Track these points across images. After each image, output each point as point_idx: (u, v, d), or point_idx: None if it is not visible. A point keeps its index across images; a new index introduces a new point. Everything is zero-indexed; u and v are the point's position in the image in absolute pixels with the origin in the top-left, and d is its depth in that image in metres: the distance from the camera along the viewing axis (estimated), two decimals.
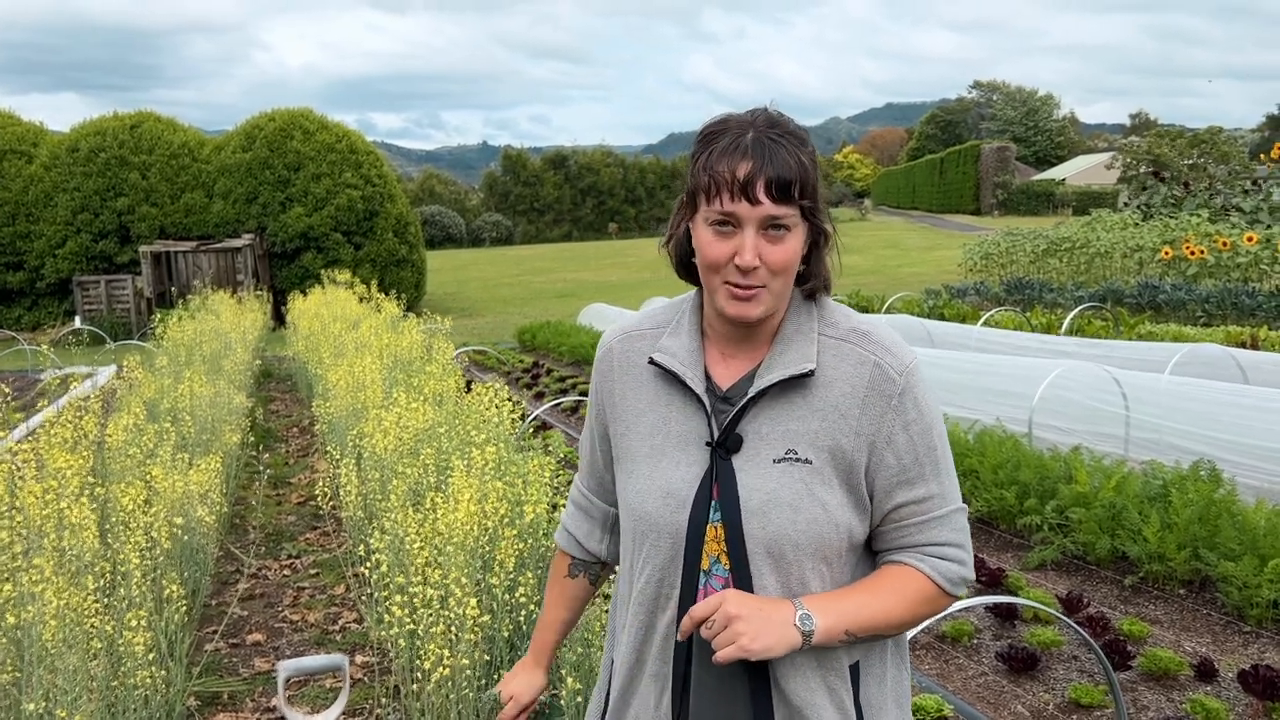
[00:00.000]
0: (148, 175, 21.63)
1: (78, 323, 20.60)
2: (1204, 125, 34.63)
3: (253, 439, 7.84)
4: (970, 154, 62.19)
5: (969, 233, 43.07)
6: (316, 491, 6.85)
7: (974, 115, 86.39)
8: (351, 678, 4.29)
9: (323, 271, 17.86)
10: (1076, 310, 12.08)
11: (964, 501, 1.48)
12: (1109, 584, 4.89)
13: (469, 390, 5.44)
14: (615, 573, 1.64)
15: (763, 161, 1.31)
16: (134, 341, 13.72)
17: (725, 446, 1.41)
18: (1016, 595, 4.58)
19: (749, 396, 1.41)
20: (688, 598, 1.42)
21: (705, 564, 1.42)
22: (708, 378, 1.46)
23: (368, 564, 3.35)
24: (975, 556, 5.05)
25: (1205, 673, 3.80)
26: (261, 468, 7.70)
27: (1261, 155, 21.31)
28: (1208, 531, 4.60)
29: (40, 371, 15.45)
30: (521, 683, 1.73)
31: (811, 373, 1.39)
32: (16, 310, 21.89)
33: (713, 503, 1.41)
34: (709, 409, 1.43)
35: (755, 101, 1.43)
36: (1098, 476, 5.40)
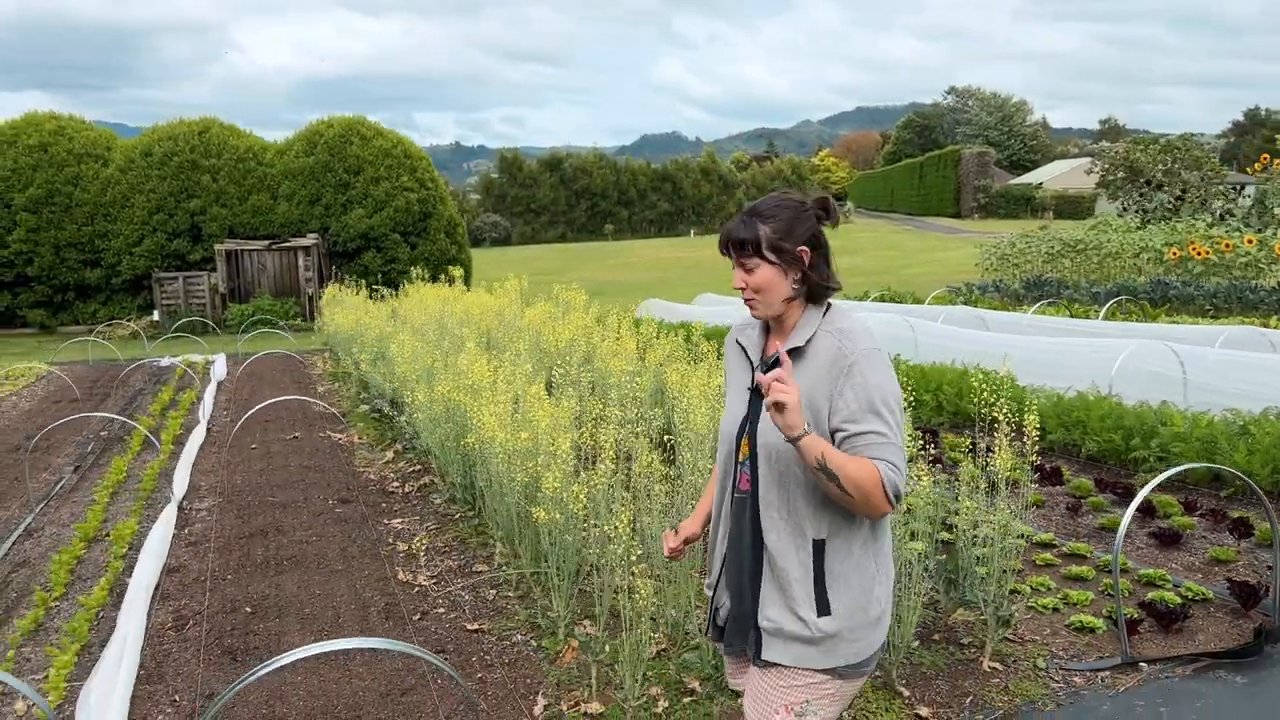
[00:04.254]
0: (217, 178, 22.91)
1: (155, 316, 21.87)
2: (1166, 130, 36.24)
3: None
4: (950, 158, 64.00)
5: (956, 235, 44.61)
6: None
7: (949, 120, 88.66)
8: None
9: (408, 269, 19.29)
10: (1110, 303, 13.85)
11: (1079, 446, 2.73)
12: (1207, 497, 6.59)
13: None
14: None
15: (730, 232, 2.22)
16: (281, 331, 15.07)
17: (758, 392, 2.22)
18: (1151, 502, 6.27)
19: (768, 362, 2.25)
20: (733, 479, 2.31)
21: (742, 458, 2.29)
22: (764, 353, 2.33)
23: None
24: (1107, 479, 6.74)
25: None
26: None
27: (1250, 169, 23.22)
28: None
29: (156, 360, 16.82)
30: (689, 525, 2.60)
31: (802, 348, 2.18)
32: (92, 305, 23.05)
33: (747, 425, 2.28)
34: (754, 369, 2.30)
35: (726, 104, 2.69)
36: (1186, 421, 7.11)
